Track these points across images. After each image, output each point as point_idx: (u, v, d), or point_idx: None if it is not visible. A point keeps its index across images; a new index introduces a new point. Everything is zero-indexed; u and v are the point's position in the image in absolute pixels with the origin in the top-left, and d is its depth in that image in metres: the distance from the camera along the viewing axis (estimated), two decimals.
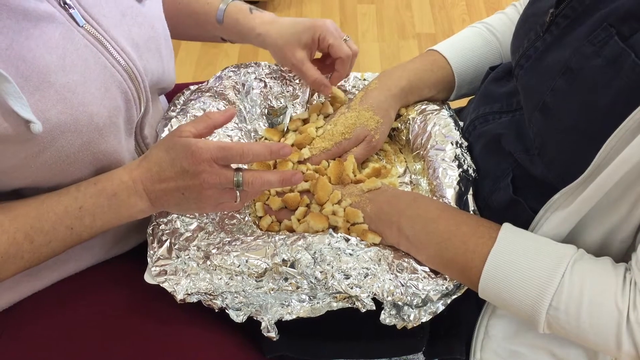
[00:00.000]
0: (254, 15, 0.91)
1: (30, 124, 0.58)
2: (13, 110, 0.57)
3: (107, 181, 0.68)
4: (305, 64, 0.88)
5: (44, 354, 0.71)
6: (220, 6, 0.91)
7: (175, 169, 0.65)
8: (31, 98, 0.59)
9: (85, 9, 0.66)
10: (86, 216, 0.67)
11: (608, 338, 0.59)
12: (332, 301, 0.69)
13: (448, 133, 0.84)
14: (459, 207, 0.75)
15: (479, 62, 0.91)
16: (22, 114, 0.57)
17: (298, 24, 0.88)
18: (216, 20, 0.91)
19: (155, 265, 0.71)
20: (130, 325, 0.74)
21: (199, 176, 0.65)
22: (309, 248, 0.69)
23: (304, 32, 0.87)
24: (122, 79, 0.69)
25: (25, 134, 0.59)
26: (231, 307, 0.69)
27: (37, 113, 0.59)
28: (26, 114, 0.58)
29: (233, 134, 0.86)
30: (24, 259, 0.65)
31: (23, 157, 0.62)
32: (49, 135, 0.62)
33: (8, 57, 0.57)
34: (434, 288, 0.69)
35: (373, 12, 2.37)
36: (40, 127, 0.59)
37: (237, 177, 0.66)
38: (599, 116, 0.59)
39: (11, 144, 0.60)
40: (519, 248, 0.64)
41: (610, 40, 0.59)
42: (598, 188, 0.59)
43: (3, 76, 0.55)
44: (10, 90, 0.56)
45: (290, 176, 0.69)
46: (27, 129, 0.59)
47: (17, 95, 0.57)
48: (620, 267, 0.62)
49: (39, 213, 0.65)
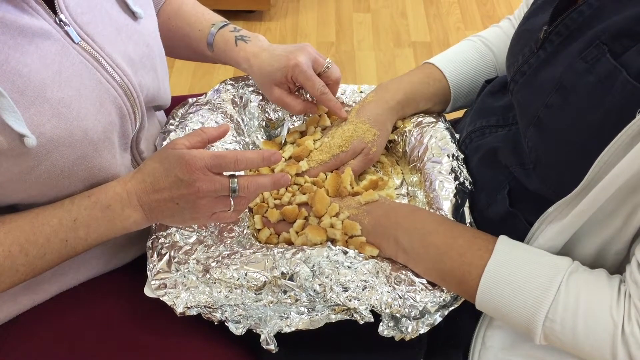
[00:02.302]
0: (239, 48, 0.90)
1: (25, 138, 0.59)
2: (7, 124, 0.57)
3: (101, 193, 0.68)
4: (285, 100, 0.89)
5: None
6: (211, 30, 0.91)
7: (169, 178, 0.66)
8: (26, 112, 0.60)
9: (81, 26, 0.67)
10: (80, 228, 0.67)
11: (603, 349, 0.60)
12: (330, 313, 0.69)
13: (444, 146, 0.85)
14: (456, 219, 0.76)
15: (475, 75, 0.92)
16: (16, 128, 0.58)
17: (275, 61, 0.87)
18: (207, 45, 0.92)
19: (155, 278, 0.71)
20: (130, 338, 0.74)
21: (193, 184, 0.65)
22: (308, 261, 0.70)
23: (277, 71, 0.86)
24: (117, 95, 0.70)
25: (20, 148, 0.60)
26: (230, 320, 0.70)
27: (32, 127, 0.60)
28: (20, 128, 0.58)
29: (231, 147, 0.87)
30: (19, 272, 0.65)
31: (17, 172, 0.62)
32: (44, 150, 0.62)
33: (4, 72, 0.58)
34: (431, 300, 0.69)
35: (369, 20, 2.39)
36: (34, 141, 0.60)
37: (232, 184, 0.66)
38: (592, 131, 0.60)
39: (5, 158, 0.60)
40: (515, 260, 0.65)
41: (603, 58, 0.60)
42: (592, 201, 0.60)
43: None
44: (4, 105, 0.57)
45: (280, 178, 0.70)
46: (21, 142, 0.59)
47: (11, 109, 0.57)
48: (615, 279, 0.63)
49: (33, 226, 0.65)
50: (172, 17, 0.93)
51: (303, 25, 2.35)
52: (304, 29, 2.34)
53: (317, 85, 0.86)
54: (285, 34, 2.31)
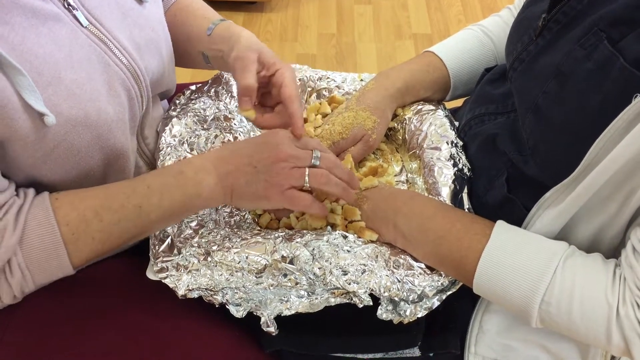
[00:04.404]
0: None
1: (44, 116, 0.60)
2: (28, 103, 0.59)
3: (175, 164, 0.70)
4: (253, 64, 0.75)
5: (44, 349, 0.72)
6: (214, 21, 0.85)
7: (253, 145, 0.69)
8: (44, 92, 0.61)
9: (89, 10, 0.68)
10: (154, 194, 0.68)
11: (598, 332, 0.61)
12: (330, 297, 0.70)
13: (443, 133, 0.85)
14: (454, 205, 0.77)
15: (474, 63, 0.92)
16: (36, 106, 0.59)
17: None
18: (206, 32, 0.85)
19: (157, 261, 0.72)
20: (132, 320, 0.75)
21: (277, 147, 0.69)
22: (308, 245, 0.71)
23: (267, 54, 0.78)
24: (125, 77, 0.71)
25: (41, 128, 0.61)
26: (231, 303, 0.71)
27: (50, 107, 0.61)
28: (40, 107, 0.60)
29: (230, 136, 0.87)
30: (95, 240, 0.66)
31: (40, 156, 0.64)
32: (62, 129, 0.64)
33: (21, 52, 0.59)
34: (429, 284, 0.70)
35: (370, 12, 2.39)
36: (53, 119, 0.61)
37: (315, 153, 0.70)
38: (589, 117, 0.61)
39: (28, 142, 0.62)
40: (512, 245, 0.66)
41: (600, 45, 0.60)
42: (588, 187, 0.60)
43: (18, 69, 0.57)
44: (24, 84, 0.58)
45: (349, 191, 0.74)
46: (41, 122, 0.61)
47: (31, 88, 0.59)
48: (611, 263, 0.64)
49: (107, 193, 0.67)
50: (178, 14, 0.93)
51: (304, 17, 2.35)
52: (305, 20, 2.34)
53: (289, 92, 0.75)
54: (287, 26, 2.31)
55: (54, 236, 0.64)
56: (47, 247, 0.64)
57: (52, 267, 0.65)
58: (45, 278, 0.66)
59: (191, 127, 0.86)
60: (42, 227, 0.64)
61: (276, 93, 0.77)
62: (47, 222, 0.64)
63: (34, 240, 0.63)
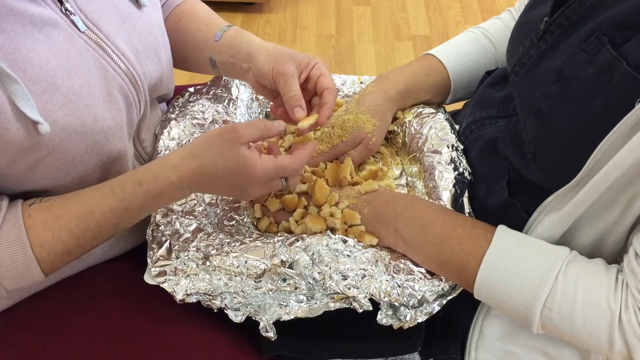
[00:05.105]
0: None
1: (38, 125, 0.60)
2: (22, 112, 0.58)
3: (153, 182, 0.68)
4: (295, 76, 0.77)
5: (43, 354, 0.72)
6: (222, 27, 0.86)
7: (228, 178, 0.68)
8: (39, 100, 0.60)
9: (86, 15, 0.68)
10: (131, 214, 0.69)
11: (600, 338, 0.61)
12: (329, 302, 0.69)
13: (444, 136, 0.85)
14: (455, 209, 0.76)
15: (475, 66, 0.92)
16: (30, 115, 0.59)
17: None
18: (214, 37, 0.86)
19: (155, 265, 0.71)
20: (130, 325, 0.75)
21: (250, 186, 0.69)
22: (307, 249, 0.70)
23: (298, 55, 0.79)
24: (123, 83, 0.70)
25: (34, 136, 0.60)
26: (230, 307, 0.70)
27: (45, 115, 0.61)
28: (34, 115, 0.59)
29: None
30: (72, 254, 0.67)
31: (32, 162, 0.63)
32: (57, 137, 0.63)
33: (16, 60, 0.59)
34: (430, 289, 0.70)
35: (369, 13, 2.39)
36: (47, 128, 0.60)
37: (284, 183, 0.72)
38: (592, 122, 0.60)
39: (22, 149, 0.61)
40: (514, 250, 0.66)
41: (603, 49, 0.60)
42: (590, 191, 0.60)
43: (12, 78, 0.56)
44: (18, 92, 0.57)
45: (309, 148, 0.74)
46: (35, 130, 0.60)
47: (25, 97, 0.58)
48: (613, 269, 0.63)
49: (84, 212, 0.66)
50: (182, 17, 0.92)
51: (303, 18, 2.35)
52: (304, 21, 2.34)
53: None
54: (285, 27, 2.31)
55: (26, 255, 0.64)
56: (19, 265, 0.64)
57: (24, 279, 0.66)
58: (16, 285, 0.66)
59: (190, 129, 0.85)
60: (13, 246, 0.63)
61: (312, 87, 0.79)
62: (19, 241, 0.63)
63: (5, 259, 0.63)
